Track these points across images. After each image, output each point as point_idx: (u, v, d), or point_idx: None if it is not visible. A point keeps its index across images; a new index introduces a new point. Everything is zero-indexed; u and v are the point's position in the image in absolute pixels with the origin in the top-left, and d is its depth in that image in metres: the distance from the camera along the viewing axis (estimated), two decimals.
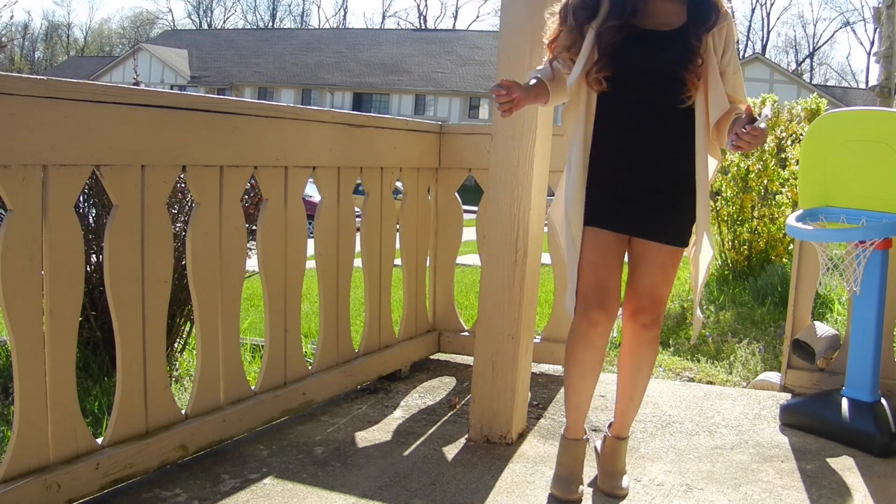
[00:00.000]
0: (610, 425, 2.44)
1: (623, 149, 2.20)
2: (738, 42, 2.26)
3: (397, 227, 3.44)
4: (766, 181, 6.14)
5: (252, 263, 2.79)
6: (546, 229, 2.72)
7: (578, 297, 2.21)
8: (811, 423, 2.90)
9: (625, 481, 2.36)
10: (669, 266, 2.26)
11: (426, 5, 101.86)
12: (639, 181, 2.19)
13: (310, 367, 2.98)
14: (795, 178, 5.73)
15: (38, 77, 1.95)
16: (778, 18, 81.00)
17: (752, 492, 2.38)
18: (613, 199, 2.21)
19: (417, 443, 2.73)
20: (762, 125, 1.99)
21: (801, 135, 5.96)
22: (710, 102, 2.14)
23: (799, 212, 2.94)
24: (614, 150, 2.20)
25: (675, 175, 2.20)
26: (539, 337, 3.51)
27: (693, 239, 2.28)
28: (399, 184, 3.45)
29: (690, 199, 2.20)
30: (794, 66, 51.88)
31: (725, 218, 6.32)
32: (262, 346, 2.85)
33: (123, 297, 2.19)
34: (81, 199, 3.29)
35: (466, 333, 3.71)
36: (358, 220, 3.08)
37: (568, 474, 2.30)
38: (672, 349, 4.40)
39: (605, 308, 2.20)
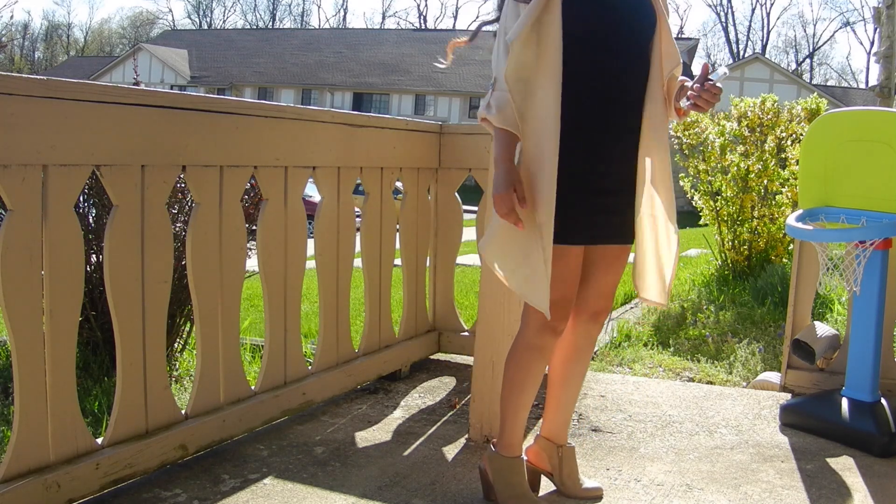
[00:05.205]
0: (539, 438, 2.33)
1: (597, 150, 2.04)
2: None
3: (397, 227, 3.44)
4: (766, 181, 6.14)
5: (252, 263, 2.79)
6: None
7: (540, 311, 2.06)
8: (811, 423, 2.90)
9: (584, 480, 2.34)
10: (625, 261, 2.21)
11: (426, 5, 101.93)
12: (610, 185, 2.07)
13: (310, 367, 2.98)
14: (795, 178, 5.74)
15: (38, 77, 1.95)
16: (778, 18, 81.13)
17: (752, 492, 2.38)
18: (599, 211, 2.08)
19: (417, 443, 2.73)
20: (720, 84, 1.97)
21: (801, 135, 5.96)
22: (664, 59, 2.04)
23: (799, 212, 2.94)
24: (588, 151, 2.03)
25: (633, 168, 2.09)
26: None
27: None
28: (399, 184, 3.45)
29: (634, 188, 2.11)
30: (794, 66, 51.93)
31: (725, 218, 6.33)
32: (262, 346, 2.86)
33: (123, 297, 2.19)
34: (81, 199, 3.29)
35: (466, 333, 3.71)
36: (358, 220, 3.08)
37: (525, 490, 2.21)
38: (672, 349, 4.40)
39: (567, 320, 2.15)
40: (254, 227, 2.75)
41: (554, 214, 1.96)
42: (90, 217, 3.38)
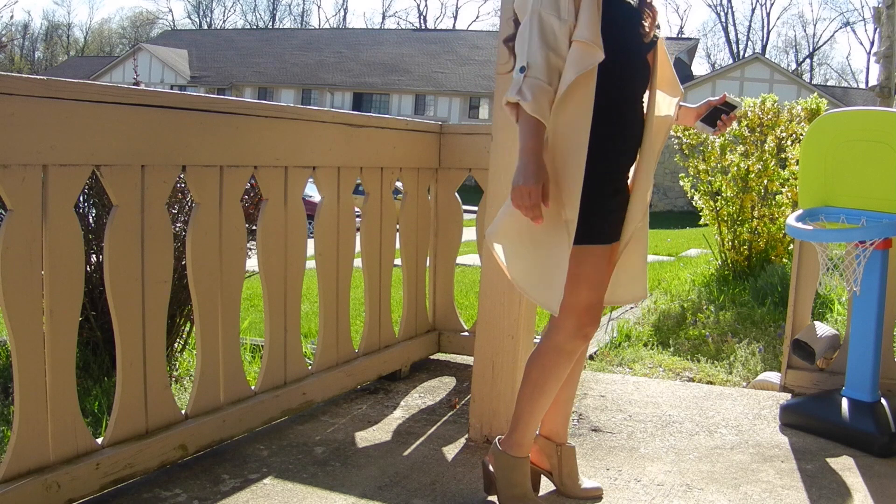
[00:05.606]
0: (538, 437, 2.33)
1: (622, 150, 2.10)
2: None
3: (397, 227, 3.44)
4: (766, 181, 6.14)
5: (252, 263, 2.79)
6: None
7: (574, 315, 2.07)
8: (811, 423, 2.90)
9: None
10: None
11: (426, 5, 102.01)
12: (621, 184, 2.11)
13: (310, 367, 2.98)
14: (795, 178, 5.74)
15: (38, 77, 1.95)
16: (778, 18, 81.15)
17: (752, 492, 2.38)
18: (615, 209, 2.10)
19: (417, 443, 2.73)
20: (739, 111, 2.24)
21: (801, 135, 5.96)
22: (670, 82, 2.17)
23: (799, 212, 2.94)
24: (614, 152, 2.07)
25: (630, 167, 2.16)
26: (539, 337, 3.51)
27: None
28: (399, 184, 3.45)
29: None
30: (794, 66, 51.94)
31: (725, 218, 6.33)
32: (262, 346, 2.86)
33: (123, 297, 2.19)
34: (81, 199, 3.29)
35: (466, 333, 3.72)
36: (358, 220, 3.08)
37: (527, 491, 2.21)
38: (672, 349, 4.40)
39: (598, 323, 2.14)
40: (254, 227, 2.75)
41: (579, 212, 1.96)
42: (90, 217, 3.38)
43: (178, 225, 3.26)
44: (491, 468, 2.23)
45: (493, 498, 2.27)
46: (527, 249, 2.03)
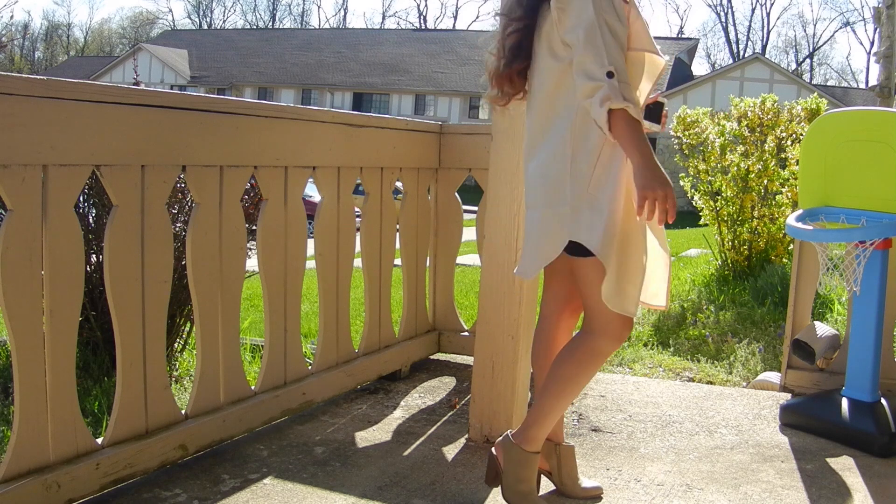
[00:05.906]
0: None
1: None
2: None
3: (397, 227, 3.44)
4: (766, 181, 6.14)
5: (252, 263, 2.79)
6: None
7: (620, 320, 2.07)
8: (811, 423, 2.90)
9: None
10: None
11: (426, 5, 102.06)
12: None
13: (310, 367, 2.98)
14: (795, 178, 5.74)
15: (38, 77, 1.95)
16: (778, 18, 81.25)
17: (752, 492, 2.38)
18: None
19: (417, 443, 2.73)
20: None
21: (801, 135, 5.96)
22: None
23: (799, 212, 2.94)
24: None
25: None
26: None
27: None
28: (399, 184, 3.45)
29: None
30: (794, 66, 51.95)
31: (725, 218, 6.33)
32: (262, 346, 2.86)
33: (123, 297, 2.19)
34: (81, 199, 3.29)
35: (466, 333, 3.72)
36: (358, 220, 3.08)
37: (533, 488, 2.22)
38: (672, 349, 4.40)
39: (632, 328, 2.18)
40: (254, 227, 2.75)
41: None
42: (90, 217, 3.38)
43: (178, 225, 3.26)
44: (499, 461, 2.23)
45: (493, 497, 2.27)
46: (618, 258, 2.02)
